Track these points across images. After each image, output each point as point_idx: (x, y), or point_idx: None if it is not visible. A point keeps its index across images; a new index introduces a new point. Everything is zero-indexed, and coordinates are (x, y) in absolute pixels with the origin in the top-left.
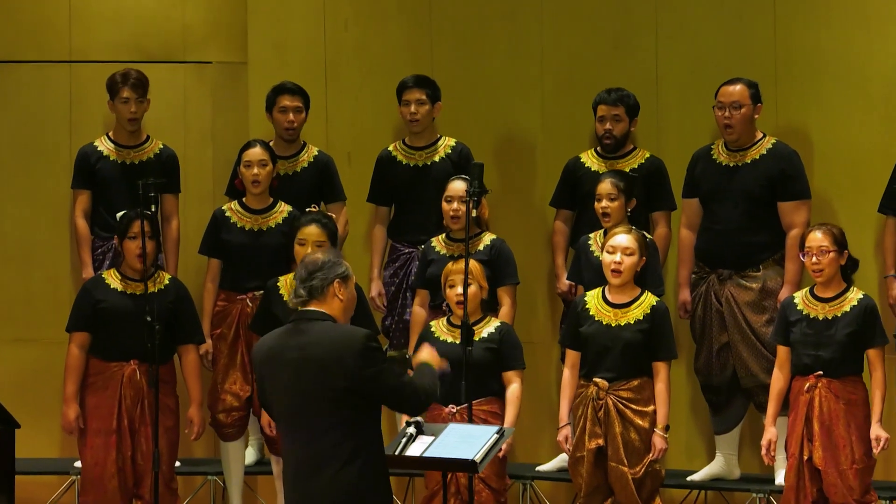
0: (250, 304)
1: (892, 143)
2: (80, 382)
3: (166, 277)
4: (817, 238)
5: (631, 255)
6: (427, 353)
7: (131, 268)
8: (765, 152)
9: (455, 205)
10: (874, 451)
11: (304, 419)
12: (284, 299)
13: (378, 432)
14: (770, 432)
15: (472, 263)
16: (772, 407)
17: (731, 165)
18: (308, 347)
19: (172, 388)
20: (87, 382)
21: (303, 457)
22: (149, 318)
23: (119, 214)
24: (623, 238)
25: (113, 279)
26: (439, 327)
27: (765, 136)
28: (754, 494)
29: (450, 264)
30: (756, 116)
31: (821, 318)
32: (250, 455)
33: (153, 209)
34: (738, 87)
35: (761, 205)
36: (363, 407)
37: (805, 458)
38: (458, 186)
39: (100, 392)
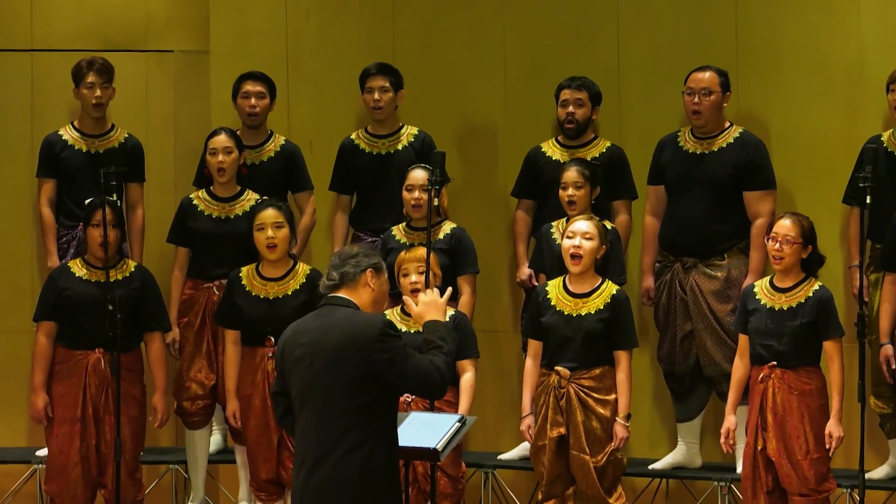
0: (217, 293)
1: (852, 132)
2: (48, 371)
3: (132, 265)
4: (786, 226)
5: (590, 240)
6: (425, 305)
7: (95, 256)
8: (732, 141)
9: (416, 194)
10: (827, 447)
11: (315, 405)
12: (247, 289)
13: (391, 423)
14: (729, 420)
15: (424, 252)
16: (732, 395)
17: (698, 153)
18: (327, 332)
19: (139, 377)
20: (53, 371)
21: (312, 442)
22: (110, 307)
23: (87, 202)
24: (583, 224)
25: (78, 267)
26: (393, 316)
27: (732, 124)
28: (716, 483)
29: (402, 253)
30: (724, 105)
31: (776, 309)
32: (215, 443)
33: (115, 197)
34: (707, 74)
35: (727, 193)
36: (378, 395)
37: (759, 448)
38: (418, 175)
39: (65, 380)
